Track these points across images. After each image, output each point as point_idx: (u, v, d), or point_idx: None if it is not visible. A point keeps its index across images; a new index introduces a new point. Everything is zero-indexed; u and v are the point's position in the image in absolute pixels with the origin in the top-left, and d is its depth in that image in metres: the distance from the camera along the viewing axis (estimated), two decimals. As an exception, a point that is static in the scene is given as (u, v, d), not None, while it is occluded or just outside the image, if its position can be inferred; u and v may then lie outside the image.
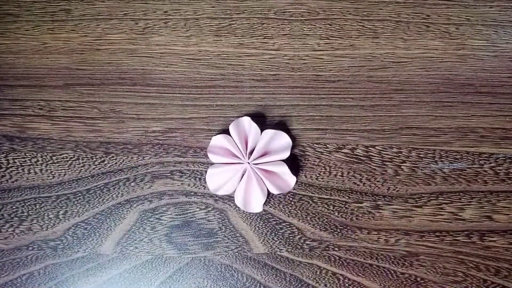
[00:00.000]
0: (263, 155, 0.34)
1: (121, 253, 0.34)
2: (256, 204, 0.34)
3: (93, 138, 0.35)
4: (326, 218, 0.35)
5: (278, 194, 0.34)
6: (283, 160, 0.34)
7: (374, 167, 0.35)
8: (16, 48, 0.37)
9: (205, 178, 0.35)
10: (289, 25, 0.37)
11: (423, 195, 0.35)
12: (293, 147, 0.35)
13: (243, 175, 0.34)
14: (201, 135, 0.36)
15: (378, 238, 0.34)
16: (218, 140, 0.35)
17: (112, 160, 0.35)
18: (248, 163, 0.34)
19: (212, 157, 0.35)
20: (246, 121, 0.35)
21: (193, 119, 0.36)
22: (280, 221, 0.35)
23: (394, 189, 0.35)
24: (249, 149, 0.34)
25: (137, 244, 0.34)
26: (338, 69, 0.36)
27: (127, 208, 0.35)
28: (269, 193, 0.34)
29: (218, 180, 0.34)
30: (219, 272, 0.34)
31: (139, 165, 0.35)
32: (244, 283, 0.34)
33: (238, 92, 0.36)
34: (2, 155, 0.35)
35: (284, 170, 0.34)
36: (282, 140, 0.34)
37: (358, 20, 0.37)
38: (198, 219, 0.35)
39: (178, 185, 0.35)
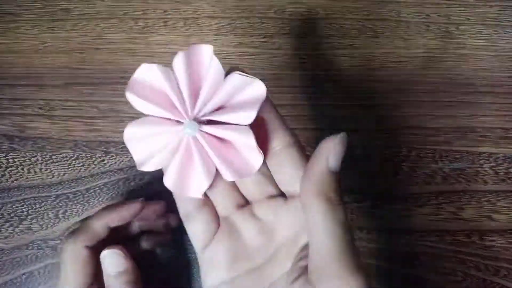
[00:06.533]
0: (217, 109, 0.20)
1: (121, 252, 0.34)
2: (195, 188, 0.21)
3: (92, 137, 0.35)
4: (325, 217, 0.35)
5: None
6: (249, 126, 0.20)
7: (374, 167, 0.35)
8: (16, 47, 0.37)
9: (124, 133, 0.22)
10: (289, 24, 0.37)
11: (423, 194, 0.35)
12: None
13: (180, 142, 0.21)
14: (201, 134, 0.36)
15: (378, 238, 0.34)
16: (150, 73, 0.21)
17: (111, 159, 0.35)
18: (193, 121, 0.20)
19: (135, 100, 0.21)
20: (206, 52, 0.20)
21: (193, 119, 0.36)
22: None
23: (394, 189, 0.35)
24: (200, 100, 0.20)
25: (136, 243, 0.34)
26: (338, 68, 0.36)
27: (127, 208, 0.35)
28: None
29: (142, 147, 0.21)
30: (219, 271, 0.34)
31: (138, 165, 0.35)
32: (244, 282, 0.34)
33: (238, 92, 0.36)
34: (2, 154, 0.35)
35: (246, 140, 0.20)
36: (253, 90, 0.20)
37: (358, 19, 0.37)
38: (198, 218, 0.35)
39: (177, 185, 0.35)
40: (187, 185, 0.22)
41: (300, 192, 0.20)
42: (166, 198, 0.35)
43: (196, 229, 0.23)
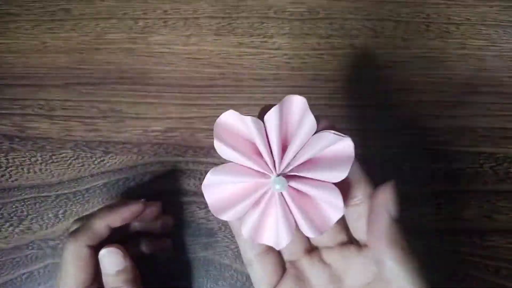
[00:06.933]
0: (305, 164, 0.21)
1: (121, 252, 0.34)
2: (271, 238, 0.21)
3: (92, 137, 0.35)
4: (325, 217, 0.35)
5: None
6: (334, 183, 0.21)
7: (374, 167, 0.35)
8: (16, 47, 0.37)
9: (205, 178, 0.23)
10: (289, 24, 0.37)
11: (423, 195, 0.35)
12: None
13: (264, 194, 0.21)
14: (201, 134, 0.36)
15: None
16: (239, 122, 0.21)
17: (111, 159, 0.35)
18: (282, 177, 0.20)
19: (222, 148, 0.21)
20: (299, 104, 0.20)
21: (193, 119, 0.36)
22: (280, 220, 0.35)
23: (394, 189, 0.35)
24: (289, 154, 0.20)
25: (136, 243, 0.34)
26: (338, 68, 0.36)
27: (127, 208, 0.35)
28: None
29: (222, 194, 0.21)
30: (219, 272, 0.34)
31: (138, 165, 0.35)
32: (244, 283, 0.34)
33: (237, 92, 0.36)
34: (2, 154, 0.35)
35: (333, 200, 0.20)
36: (343, 148, 0.20)
37: (358, 19, 0.37)
38: (198, 218, 0.35)
39: (177, 185, 0.35)
40: (262, 234, 0.21)
41: (370, 245, 0.20)
42: (165, 199, 0.35)
43: (260, 274, 0.23)
